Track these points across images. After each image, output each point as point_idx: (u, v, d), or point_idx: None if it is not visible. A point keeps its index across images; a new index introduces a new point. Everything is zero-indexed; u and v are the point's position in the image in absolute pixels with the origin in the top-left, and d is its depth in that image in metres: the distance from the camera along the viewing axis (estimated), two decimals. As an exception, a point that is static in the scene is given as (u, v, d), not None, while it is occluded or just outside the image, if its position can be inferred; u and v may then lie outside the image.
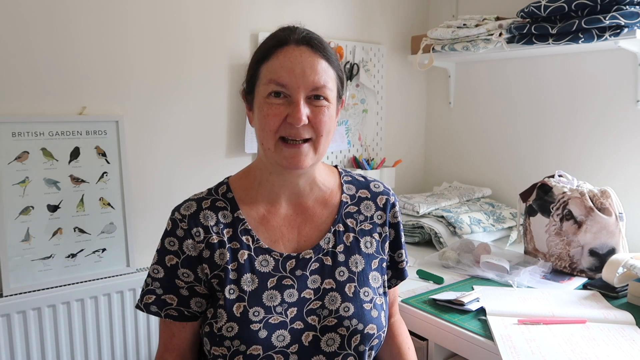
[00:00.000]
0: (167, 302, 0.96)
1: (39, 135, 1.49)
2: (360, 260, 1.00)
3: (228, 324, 0.91)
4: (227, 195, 1.00)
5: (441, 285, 1.46)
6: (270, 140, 0.92)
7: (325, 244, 0.99)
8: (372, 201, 1.06)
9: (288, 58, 0.91)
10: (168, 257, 0.96)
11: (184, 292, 0.95)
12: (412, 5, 2.29)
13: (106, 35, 1.57)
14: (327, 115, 0.93)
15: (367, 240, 1.03)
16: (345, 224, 1.02)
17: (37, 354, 1.48)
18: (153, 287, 0.96)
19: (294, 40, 0.93)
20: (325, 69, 0.93)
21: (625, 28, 1.46)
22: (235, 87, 1.83)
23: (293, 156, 0.92)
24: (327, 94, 0.93)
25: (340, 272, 0.98)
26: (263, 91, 0.92)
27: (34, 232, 1.49)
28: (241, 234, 0.97)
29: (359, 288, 0.98)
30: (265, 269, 0.96)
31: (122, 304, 1.60)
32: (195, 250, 0.95)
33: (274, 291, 0.94)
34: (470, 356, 1.17)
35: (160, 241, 0.97)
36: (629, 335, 1.13)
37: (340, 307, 0.95)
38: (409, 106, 2.36)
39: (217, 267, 0.94)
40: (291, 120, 0.90)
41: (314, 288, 0.96)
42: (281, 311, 0.93)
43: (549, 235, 1.53)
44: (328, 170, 1.08)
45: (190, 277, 0.95)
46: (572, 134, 1.88)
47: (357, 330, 0.94)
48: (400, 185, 2.33)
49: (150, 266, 0.98)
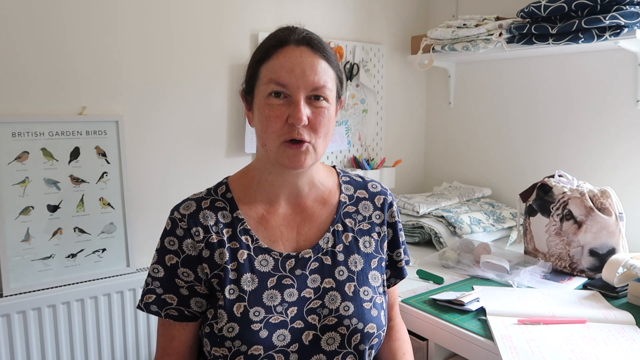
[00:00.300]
0: (167, 302, 0.95)
1: (39, 135, 1.49)
2: (360, 260, 1.01)
3: (229, 325, 0.91)
4: (226, 195, 1.00)
5: (441, 285, 1.46)
6: (274, 142, 0.92)
7: (325, 244, 1.00)
8: (370, 201, 1.07)
9: (288, 58, 0.91)
10: (168, 257, 0.96)
11: (184, 292, 0.95)
12: (412, 5, 2.29)
13: (106, 36, 1.57)
14: (326, 116, 0.93)
15: (366, 240, 1.03)
16: (344, 224, 1.03)
17: (37, 354, 1.48)
18: (153, 287, 0.96)
19: (294, 40, 0.93)
20: (325, 69, 0.93)
21: (625, 28, 1.46)
22: (235, 87, 1.83)
23: (295, 156, 0.92)
24: (327, 94, 0.93)
25: (340, 272, 0.99)
26: (263, 91, 0.93)
27: (34, 232, 1.49)
28: (240, 234, 0.97)
29: (359, 287, 0.98)
30: (265, 268, 0.96)
31: (122, 304, 1.60)
32: (195, 249, 0.95)
33: (274, 291, 0.94)
34: (470, 356, 1.17)
35: (159, 240, 0.97)
36: (629, 335, 1.13)
37: (340, 306, 0.95)
38: (409, 106, 2.36)
39: (217, 267, 0.94)
40: (292, 121, 0.90)
41: (314, 287, 0.97)
42: (281, 311, 0.93)
43: (549, 235, 1.53)
44: (326, 170, 1.08)
45: (190, 276, 0.95)
46: (572, 133, 1.87)
47: (357, 330, 0.94)
48: (400, 185, 2.33)
49: (150, 266, 0.98)
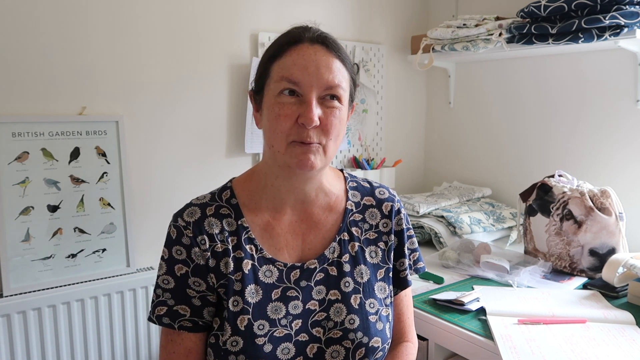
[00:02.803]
0: (180, 314, 0.91)
1: (39, 135, 1.48)
2: (366, 271, 0.97)
3: (232, 338, 0.88)
4: (231, 201, 0.96)
5: (441, 285, 1.46)
6: (282, 143, 0.88)
7: (330, 254, 0.97)
8: (377, 209, 1.03)
9: (302, 55, 0.88)
10: (177, 267, 0.92)
11: (196, 302, 0.92)
12: (412, 5, 2.29)
13: (106, 36, 1.57)
14: (338, 117, 0.89)
15: (372, 250, 1.00)
16: (350, 233, 0.99)
17: (37, 354, 1.48)
18: (164, 299, 0.92)
19: (308, 38, 0.89)
20: (339, 68, 0.90)
21: (625, 28, 1.46)
22: (235, 87, 1.83)
23: (303, 155, 0.88)
24: (341, 94, 0.90)
25: (346, 283, 0.95)
26: (274, 89, 0.89)
27: (34, 232, 1.49)
28: (245, 243, 0.93)
29: (365, 299, 0.95)
30: (269, 279, 0.93)
31: (122, 304, 1.60)
32: (203, 258, 0.91)
33: (278, 303, 0.92)
34: (470, 356, 1.17)
35: (166, 250, 0.93)
36: (629, 335, 1.13)
37: (345, 319, 0.93)
38: (409, 106, 2.36)
39: (222, 277, 0.91)
40: (302, 121, 0.86)
41: (319, 299, 0.94)
42: (286, 324, 0.91)
43: (549, 235, 1.53)
44: (334, 174, 1.05)
45: (202, 286, 0.91)
46: (572, 133, 1.87)
47: (362, 344, 0.92)
48: (400, 185, 2.33)
49: (159, 277, 0.93)
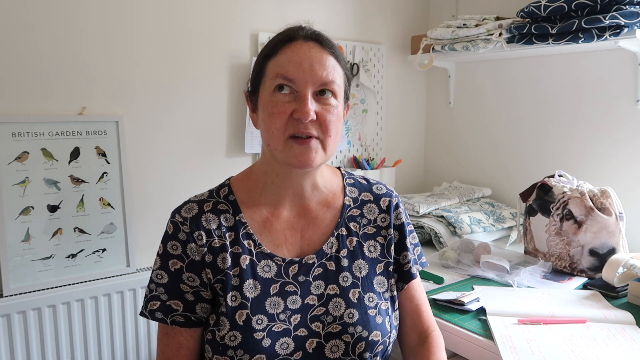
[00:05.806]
0: (173, 308, 0.92)
1: (39, 135, 1.48)
2: (364, 265, 0.98)
3: (231, 333, 0.89)
4: (228, 197, 0.98)
5: (441, 285, 1.46)
6: (279, 140, 0.89)
7: (329, 249, 0.97)
8: (375, 204, 1.04)
9: (296, 52, 0.89)
10: (172, 262, 0.93)
11: (190, 297, 0.92)
12: (412, 5, 2.29)
13: (106, 36, 1.57)
14: (335, 114, 0.90)
15: (371, 245, 1.01)
16: (348, 228, 1.00)
17: (37, 354, 1.48)
18: (157, 293, 0.93)
19: (302, 36, 0.91)
20: (333, 65, 0.91)
21: (625, 28, 1.46)
22: (235, 87, 1.83)
23: (302, 153, 0.88)
24: (336, 90, 0.90)
25: (344, 278, 0.96)
26: (269, 86, 0.90)
27: (34, 232, 1.49)
28: (243, 238, 0.94)
29: (364, 294, 0.96)
30: (267, 274, 0.93)
31: (122, 304, 1.60)
32: (199, 254, 0.92)
33: (277, 298, 0.92)
34: (470, 356, 1.17)
35: (161, 245, 0.94)
36: (629, 335, 1.13)
37: (344, 314, 0.93)
38: (409, 106, 2.36)
39: (219, 272, 0.92)
40: (298, 116, 0.87)
41: (318, 294, 0.94)
42: (284, 318, 0.91)
43: (549, 235, 1.53)
44: (331, 172, 1.06)
45: (195, 281, 0.92)
46: (572, 133, 1.87)
47: (361, 338, 0.92)
48: (400, 185, 2.33)
49: (153, 272, 0.94)
